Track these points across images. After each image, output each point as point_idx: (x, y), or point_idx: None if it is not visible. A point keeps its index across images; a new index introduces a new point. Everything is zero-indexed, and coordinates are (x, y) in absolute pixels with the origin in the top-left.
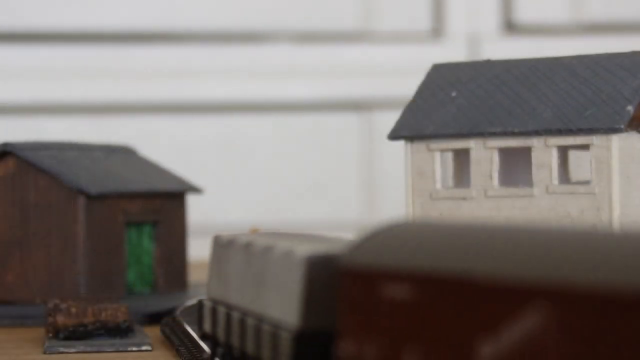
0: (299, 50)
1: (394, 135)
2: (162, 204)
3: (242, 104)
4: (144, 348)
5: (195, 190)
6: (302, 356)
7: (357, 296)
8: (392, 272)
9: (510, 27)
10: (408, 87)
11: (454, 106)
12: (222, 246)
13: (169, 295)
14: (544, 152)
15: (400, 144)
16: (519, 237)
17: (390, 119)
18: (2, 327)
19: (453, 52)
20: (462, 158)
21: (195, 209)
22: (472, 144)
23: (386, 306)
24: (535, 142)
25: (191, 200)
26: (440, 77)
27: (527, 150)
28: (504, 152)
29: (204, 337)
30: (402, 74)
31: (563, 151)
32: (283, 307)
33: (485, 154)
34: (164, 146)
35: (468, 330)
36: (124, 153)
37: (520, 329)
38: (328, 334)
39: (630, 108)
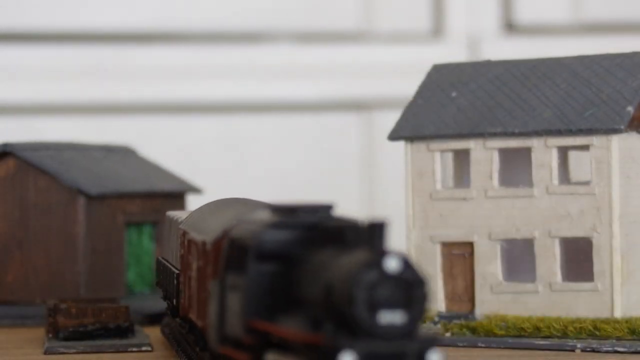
0: (299, 50)
1: (394, 136)
2: (162, 204)
3: (242, 104)
4: (144, 348)
5: (195, 190)
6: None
7: (183, 245)
8: (186, 230)
9: (510, 27)
10: (408, 87)
11: (454, 106)
12: (168, 220)
13: None
14: (544, 152)
15: (400, 144)
16: (229, 213)
17: (390, 119)
18: (2, 327)
19: (453, 52)
20: (462, 158)
21: None
22: (472, 144)
23: (186, 251)
24: (535, 143)
25: (191, 200)
26: (441, 77)
27: (527, 151)
28: (504, 152)
29: (157, 284)
30: (402, 74)
31: (563, 151)
32: (174, 257)
33: (485, 154)
34: (164, 146)
35: (191, 259)
36: (124, 153)
37: (196, 258)
38: None
39: (630, 108)
